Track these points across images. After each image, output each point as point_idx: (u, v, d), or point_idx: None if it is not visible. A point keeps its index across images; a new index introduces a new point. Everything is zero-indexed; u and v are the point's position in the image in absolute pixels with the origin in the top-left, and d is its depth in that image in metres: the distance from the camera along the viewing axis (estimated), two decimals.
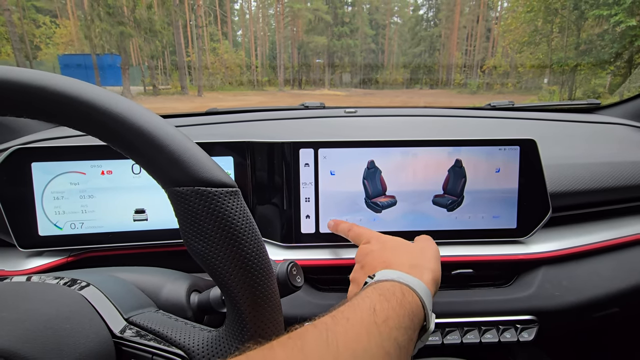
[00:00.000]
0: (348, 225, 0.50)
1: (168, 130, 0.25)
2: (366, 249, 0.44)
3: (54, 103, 0.23)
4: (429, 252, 0.42)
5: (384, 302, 0.30)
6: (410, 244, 0.44)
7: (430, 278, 0.37)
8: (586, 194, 0.60)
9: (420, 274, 0.37)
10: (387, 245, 0.43)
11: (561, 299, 0.52)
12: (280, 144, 0.52)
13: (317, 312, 0.49)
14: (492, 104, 0.93)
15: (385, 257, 0.41)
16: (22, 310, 0.26)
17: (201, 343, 0.27)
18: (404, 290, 0.33)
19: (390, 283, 0.34)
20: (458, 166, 0.53)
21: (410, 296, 0.32)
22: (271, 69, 27.41)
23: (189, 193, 0.24)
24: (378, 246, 0.43)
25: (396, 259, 0.40)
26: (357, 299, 0.30)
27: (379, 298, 0.30)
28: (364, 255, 0.43)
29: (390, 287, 0.33)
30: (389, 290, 0.32)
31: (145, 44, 13.82)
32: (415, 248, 0.43)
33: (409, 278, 0.35)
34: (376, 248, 0.43)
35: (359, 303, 0.29)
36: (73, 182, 0.50)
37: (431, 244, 0.44)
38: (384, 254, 0.42)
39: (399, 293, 0.32)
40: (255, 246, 0.26)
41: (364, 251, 0.44)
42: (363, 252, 0.44)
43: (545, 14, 11.24)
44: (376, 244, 0.44)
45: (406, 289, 0.33)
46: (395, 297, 0.31)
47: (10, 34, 12.07)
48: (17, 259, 0.50)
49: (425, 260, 0.40)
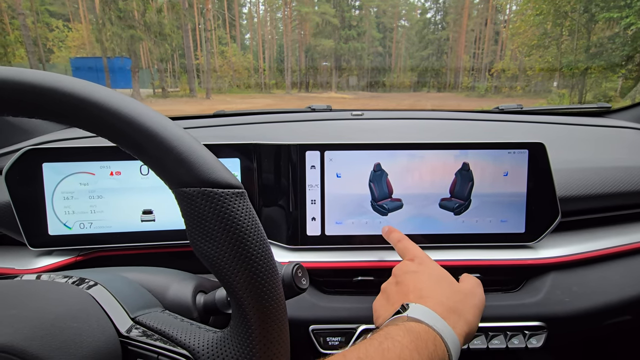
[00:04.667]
0: (399, 236, 0.48)
1: (176, 131, 0.25)
2: (408, 267, 0.42)
3: (65, 104, 0.24)
4: (472, 300, 0.38)
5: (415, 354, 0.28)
6: (454, 282, 0.41)
7: (464, 331, 0.35)
8: (596, 198, 0.59)
9: (455, 322, 0.34)
10: (431, 273, 0.40)
11: (571, 305, 0.51)
12: (287, 146, 0.52)
13: (322, 315, 0.50)
14: (500, 107, 0.93)
15: (424, 285, 0.38)
16: (31, 308, 0.26)
17: (206, 344, 0.27)
18: (436, 342, 0.31)
19: (425, 329, 0.31)
20: (465, 169, 0.52)
21: (441, 350, 0.31)
22: (279, 72, 27.55)
23: (196, 194, 0.25)
24: (420, 269, 0.41)
25: (435, 293, 0.37)
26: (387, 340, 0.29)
27: (410, 346, 0.29)
28: (404, 272, 0.41)
29: (424, 335, 0.31)
30: (421, 338, 0.30)
31: (155, 47, 14.01)
32: (460, 289, 0.39)
33: (444, 327, 0.33)
34: (418, 270, 0.41)
35: (388, 348, 0.28)
36: (83, 182, 0.51)
37: (479, 291, 0.41)
38: (423, 281, 0.39)
39: (432, 345, 0.30)
40: (260, 247, 0.26)
41: (405, 268, 0.42)
42: (404, 268, 0.42)
43: (554, 17, 11.14)
44: (419, 266, 0.41)
45: (439, 340, 0.31)
46: (427, 349, 0.29)
47: (24, 37, 12.35)
48: (27, 258, 0.51)
49: (467, 309, 0.37)
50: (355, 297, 0.52)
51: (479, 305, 0.39)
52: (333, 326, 0.50)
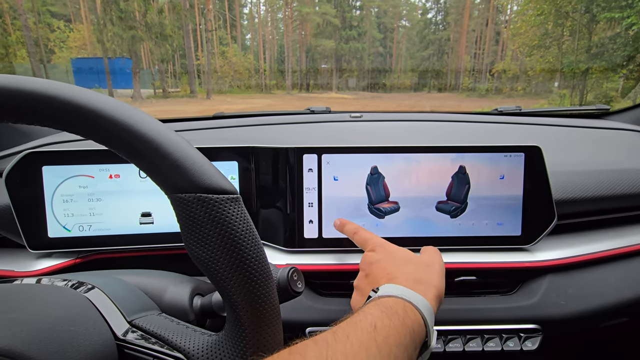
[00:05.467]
0: (354, 227, 0.49)
1: (172, 137, 0.26)
2: (371, 258, 0.43)
3: (62, 112, 0.24)
4: (434, 267, 0.42)
5: (386, 320, 0.30)
6: (416, 257, 0.43)
7: (433, 295, 0.37)
8: (593, 201, 0.59)
9: (425, 290, 0.37)
10: (393, 257, 0.43)
11: (566, 308, 0.51)
12: (285, 150, 0.53)
13: (319, 317, 0.50)
14: (499, 109, 0.93)
15: (390, 269, 0.40)
16: (30, 312, 0.26)
17: (201, 347, 0.28)
18: (406, 307, 0.33)
19: (394, 300, 0.33)
20: (462, 172, 0.52)
21: (413, 314, 0.32)
22: (279, 72, 27.58)
23: (191, 199, 0.25)
24: (384, 256, 0.43)
25: (401, 272, 0.39)
26: (358, 314, 0.31)
27: (381, 315, 0.30)
28: (369, 264, 0.43)
29: (393, 305, 0.32)
30: (391, 307, 0.32)
31: (156, 48, 14.04)
32: (421, 262, 0.42)
33: (413, 295, 0.35)
34: (382, 257, 0.43)
35: (360, 320, 0.29)
36: (82, 185, 0.51)
37: (437, 258, 0.44)
38: (389, 265, 0.41)
39: (402, 311, 0.32)
40: (255, 252, 0.26)
41: (369, 259, 0.43)
42: (368, 260, 0.44)
43: (555, 17, 11.13)
44: (382, 253, 0.43)
45: (409, 306, 0.33)
46: (398, 315, 0.31)
47: (25, 38, 12.38)
48: (26, 260, 0.52)
49: (430, 276, 0.40)
50: None
51: (441, 270, 0.42)
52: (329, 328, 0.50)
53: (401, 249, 0.44)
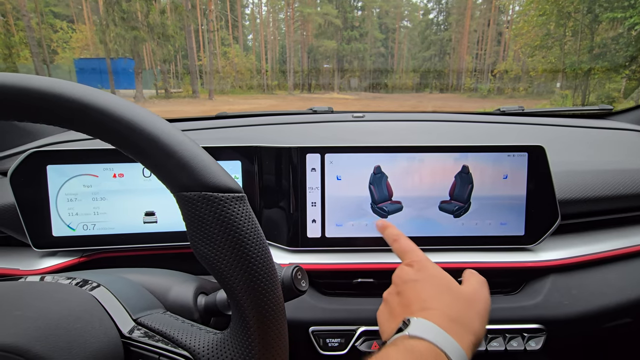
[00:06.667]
0: (396, 234, 0.46)
1: (177, 136, 0.26)
2: (407, 275, 0.40)
3: (68, 110, 0.24)
4: (476, 306, 0.36)
5: None
6: (456, 287, 0.38)
7: (470, 342, 0.33)
8: (596, 201, 0.59)
9: (462, 334, 0.33)
10: (432, 281, 0.38)
11: (570, 308, 0.51)
12: (288, 149, 0.53)
13: (322, 316, 0.50)
14: (501, 109, 0.93)
15: (425, 295, 0.37)
16: (36, 309, 0.26)
17: (206, 345, 0.28)
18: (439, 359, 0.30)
19: (426, 347, 0.30)
20: (465, 172, 0.52)
21: None
22: (281, 72, 27.61)
23: (197, 198, 0.25)
24: (421, 277, 0.39)
25: (437, 303, 0.35)
26: None
27: None
28: (403, 281, 0.39)
29: (426, 353, 0.30)
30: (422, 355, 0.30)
31: (158, 49, 14.07)
32: (462, 295, 0.37)
33: (447, 342, 0.31)
34: (418, 278, 0.39)
35: None
36: (86, 184, 0.52)
37: (482, 293, 0.38)
38: (425, 290, 0.37)
39: None
40: (260, 250, 0.26)
41: (405, 276, 0.40)
42: (403, 276, 0.40)
43: (558, 18, 11.10)
44: (419, 273, 0.39)
45: (442, 357, 0.30)
46: None
47: (28, 38, 12.45)
48: (31, 259, 0.52)
49: (470, 316, 0.35)
50: (355, 299, 0.53)
51: (484, 311, 0.37)
52: (333, 327, 0.50)
53: (442, 272, 0.40)
